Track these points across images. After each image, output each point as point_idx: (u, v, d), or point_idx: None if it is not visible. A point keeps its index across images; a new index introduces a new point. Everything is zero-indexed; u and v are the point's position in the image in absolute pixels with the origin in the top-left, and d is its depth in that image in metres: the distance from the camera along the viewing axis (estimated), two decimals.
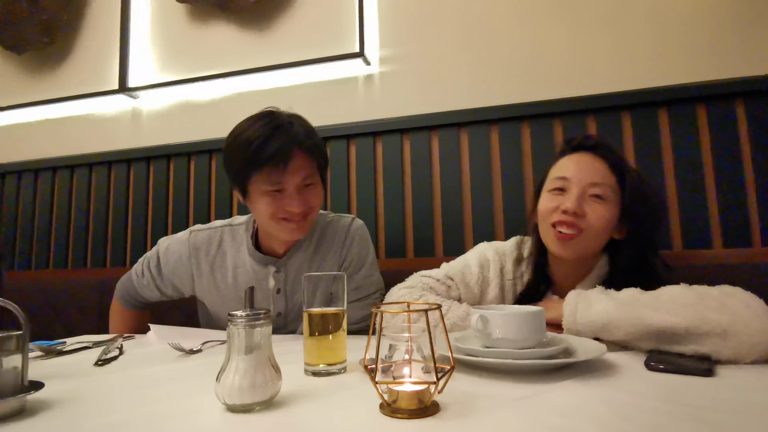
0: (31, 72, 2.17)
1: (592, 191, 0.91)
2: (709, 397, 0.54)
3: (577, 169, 0.93)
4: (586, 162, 0.94)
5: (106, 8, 2.07)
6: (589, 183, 0.91)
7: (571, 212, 0.89)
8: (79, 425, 0.49)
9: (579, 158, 0.95)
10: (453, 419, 0.47)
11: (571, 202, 0.89)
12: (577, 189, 0.91)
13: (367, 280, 1.17)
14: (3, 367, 0.52)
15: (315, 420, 0.49)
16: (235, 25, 1.89)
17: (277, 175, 1.00)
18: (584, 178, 0.91)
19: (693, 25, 1.43)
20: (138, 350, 0.93)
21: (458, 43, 1.64)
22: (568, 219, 0.90)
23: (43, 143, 2.11)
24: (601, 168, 0.92)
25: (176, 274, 1.20)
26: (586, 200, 0.91)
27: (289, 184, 1.02)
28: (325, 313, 0.71)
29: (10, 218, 2.08)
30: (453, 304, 0.92)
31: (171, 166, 1.92)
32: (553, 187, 0.95)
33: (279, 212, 1.03)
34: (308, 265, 1.15)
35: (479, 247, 1.07)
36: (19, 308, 0.56)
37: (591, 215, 0.90)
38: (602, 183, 0.91)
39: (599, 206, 0.90)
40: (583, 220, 0.90)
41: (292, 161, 1.00)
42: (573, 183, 0.92)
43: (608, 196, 0.91)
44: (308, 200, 1.04)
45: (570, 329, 0.79)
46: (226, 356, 0.53)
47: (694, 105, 1.39)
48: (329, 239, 1.18)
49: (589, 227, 0.90)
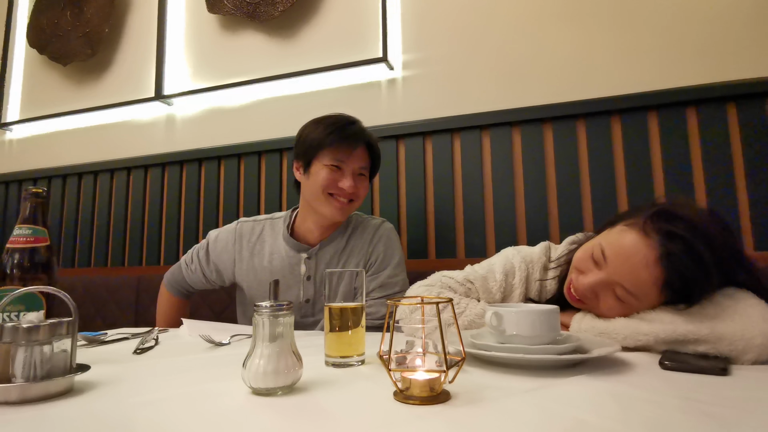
0: (74, 81, 2.31)
1: (620, 293, 0.80)
2: (721, 394, 0.55)
3: (622, 264, 0.79)
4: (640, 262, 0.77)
5: (144, 21, 2.19)
6: (620, 285, 0.79)
7: (581, 293, 0.85)
8: (123, 402, 0.54)
9: (637, 250, 0.78)
10: (462, 406, 0.50)
11: (585, 287, 0.83)
12: (604, 283, 0.81)
13: (391, 279, 1.24)
14: (54, 350, 0.58)
15: (333, 404, 0.53)
16: (263, 33, 1.96)
17: (344, 155, 1.18)
18: (621, 278, 0.79)
19: (714, 22, 1.40)
20: (172, 341, 0.99)
21: (479, 47, 1.65)
22: (578, 295, 0.86)
23: (85, 149, 2.24)
24: (650, 279, 0.77)
25: (221, 259, 1.33)
26: (607, 291, 0.81)
27: (348, 166, 1.19)
28: (345, 307, 0.74)
29: (55, 219, 2.22)
30: (471, 302, 0.94)
31: (202, 170, 2.00)
32: (594, 253, 0.84)
33: (331, 186, 1.18)
34: (338, 258, 1.26)
35: (506, 252, 1.04)
36: (70, 297, 0.62)
37: (603, 305, 0.83)
38: (636, 294, 0.79)
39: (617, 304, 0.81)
40: (593, 302, 0.84)
41: (359, 149, 1.21)
42: (607, 273, 0.81)
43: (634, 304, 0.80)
44: (358, 186, 1.21)
45: (574, 331, 0.82)
46: (252, 343, 0.57)
47: (724, 105, 1.37)
48: (358, 237, 1.29)
49: (597, 309, 0.84)
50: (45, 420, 0.48)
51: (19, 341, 0.55)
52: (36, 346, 0.56)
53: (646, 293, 0.78)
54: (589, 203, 1.46)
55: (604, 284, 0.81)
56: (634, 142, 1.44)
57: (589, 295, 0.84)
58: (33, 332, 0.56)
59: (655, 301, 0.79)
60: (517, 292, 0.97)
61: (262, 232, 1.33)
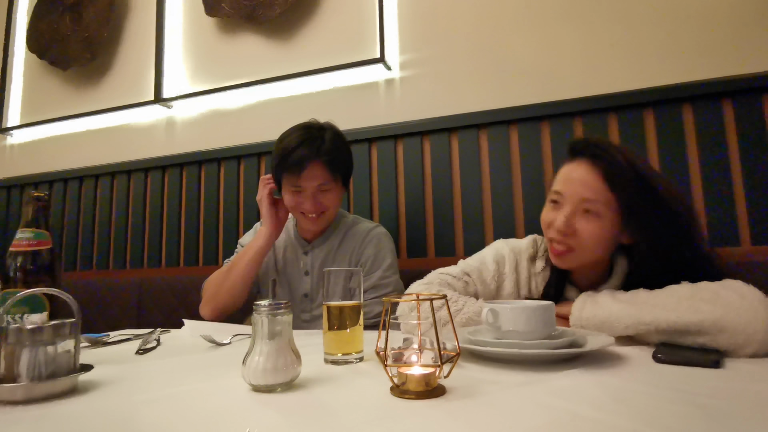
0: (74, 86, 2.33)
1: (584, 206, 0.88)
2: (712, 386, 0.56)
3: (570, 184, 0.91)
4: (580, 174, 0.90)
5: (143, 25, 2.20)
6: (580, 199, 0.89)
7: (562, 232, 0.89)
8: (126, 400, 0.55)
9: (574, 169, 0.92)
10: (456, 400, 0.51)
11: (561, 222, 0.89)
12: (569, 206, 0.89)
13: (383, 281, 1.28)
14: (58, 351, 0.59)
15: (331, 399, 0.54)
16: (261, 36, 1.97)
17: (296, 180, 1.23)
18: (576, 194, 0.89)
19: (714, 21, 1.41)
20: (173, 342, 1.00)
21: (476, 46, 1.66)
22: (558, 237, 0.90)
23: (86, 152, 2.25)
24: (595, 182, 0.88)
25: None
26: (578, 216, 0.89)
27: (306, 188, 1.24)
28: (344, 306, 0.75)
29: (57, 223, 2.23)
30: (469, 299, 0.95)
31: (202, 172, 2.02)
32: (551, 199, 0.95)
33: (298, 207, 1.27)
34: (332, 257, 1.33)
35: (495, 244, 1.09)
36: (73, 298, 0.63)
37: (582, 232, 0.88)
38: (594, 199, 0.87)
39: (590, 223, 0.88)
40: (574, 238, 0.89)
41: (309, 170, 1.21)
42: (566, 199, 0.91)
43: (601, 212, 0.87)
44: (321, 202, 1.26)
45: (575, 323, 0.83)
46: (251, 342, 0.58)
47: (719, 100, 1.38)
48: (350, 239, 1.34)
49: (580, 245, 0.89)
50: (50, 418, 0.50)
51: (23, 342, 0.57)
52: (40, 347, 0.57)
53: (602, 194, 0.87)
54: None
55: (572, 211, 0.89)
56: (630, 139, 1.45)
57: (568, 231, 0.89)
58: (37, 333, 0.57)
59: (614, 201, 0.86)
60: (508, 280, 1.01)
61: (287, 228, 1.41)
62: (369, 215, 1.71)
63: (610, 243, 0.91)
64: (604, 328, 0.79)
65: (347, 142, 1.33)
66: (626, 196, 0.86)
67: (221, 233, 1.94)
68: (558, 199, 0.92)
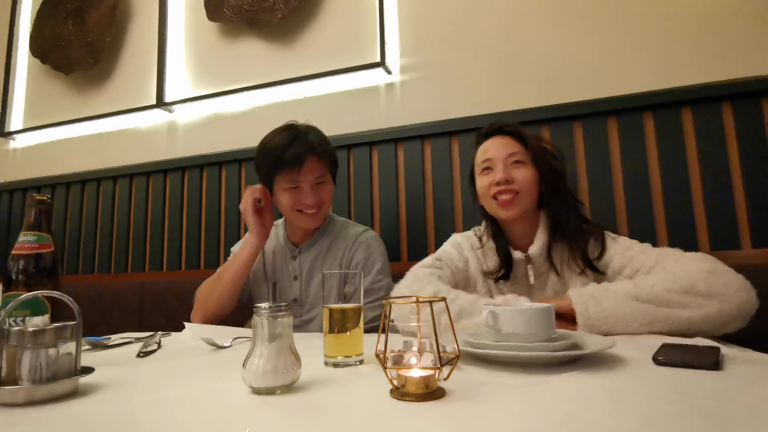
0: (77, 90, 2.34)
1: (512, 159, 1.10)
2: (713, 388, 0.55)
3: (495, 149, 1.12)
4: (499, 141, 1.13)
5: (145, 29, 2.22)
6: (507, 155, 1.10)
7: (504, 181, 1.07)
8: (126, 402, 0.55)
9: (493, 141, 1.14)
10: (456, 402, 0.51)
11: (501, 173, 1.08)
12: (501, 163, 1.10)
13: (375, 285, 1.28)
14: (59, 353, 0.60)
15: (331, 401, 0.54)
16: (262, 40, 1.98)
17: (295, 175, 1.24)
18: (503, 152, 1.11)
19: (719, 23, 1.42)
20: (174, 345, 1.00)
21: (476, 50, 1.67)
22: (503, 187, 1.08)
23: (88, 156, 2.27)
24: (511, 142, 1.12)
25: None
26: (510, 168, 1.09)
27: (304, 182, 1.26)
28: (344, 308, 0.75)
29: (59, 226, 2.24)
30: (461, 293, 0.99)
31: (204, 175, 2.03)
32: (482, 169, 1.13)
33: (297, 205, 1.27)
34: (321, 260, 1.34)
35: (450, 238, 1.24)
36: (74, 301, 0.63)
37: (519, 177, 1.08)
38: (517, 151, 1.10)
39: (521, 170, 1.09)
40: (515, 184, 1.07)
41: (307, 164, 1.24)
42: (496, 160, 1.11)
43: (525, 160, 1.09)
44: (320, 195, 1.29)
45: (585, 325, 0.85)
46: (252, 344, 0.58)
47: (719, 104, 1.38)
48: (339, 242, 1.35)
49: (521, 187, 1.07)
50: (51, 420, 0.50)
51: (25, 344, 0.57)
52: (42, 349, 0.57)
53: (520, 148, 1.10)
54: (587, 203, 1.47)
55: (504, 165, 1.09)
56: (630, 143, 1.45)
57: (509, 179, 1.07)
58: (38, 336, 0.58)
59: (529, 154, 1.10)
60: (471, 258, 1.16)
61: (276, 233, 1.44)
62: (370, 219, 1.71)
63: (537, 188, 1.10)
64: (617, 328, 0.83)
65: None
66: (534, 148, 1.10)
67: (223, 237, 1.95)
68: (489, 165, 1.12)
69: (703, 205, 1.36)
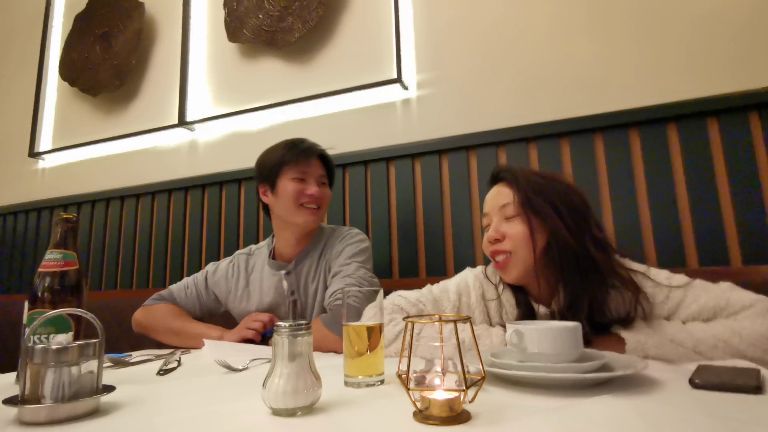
0: (104, 111, 2.42)
1: (504, 214, 0.98)
2: (754, 413, 0.52)
3: (489, 202, 1.02)
4: (495, 191, 1.02)
5: (168, 52, 2.29)
6: (498, 208, 0.99)
7: (493, 240, 0.97)
8: (146, 422, 0.55)
9: (492, 191, 1.04)
10: (482, 426, 0.49)
11: (491, 232, 0.98)
12: (494, 218, 0.99)
13: (348, 267, 1.28)
14: (82, 371, 0.60)
15: (353, 424, 0.52)
16: (281, 59, 2.02)
17: (304, 166, 1.33)
18: (495, 206, 1.00)
19: (734, 31, 1.39)
20: (194, 362, 1.00)
21: (493, 63, 1.67)
22: (494, 248, 0.97)
23: (113, 175, 2.32)
24: (504, 190, 1.00)
25: (219, 287, 1.46)
26: (502, 224, 0.98)
27: (311, 175, 1.34)
28: (363, 327, 0.74)
29: (84, 243, 2.29)
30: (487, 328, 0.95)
31: (223, 192, 2.05)
32: (484, 226, 1.03)
33: (301, 197, 1.31)
34: (315, 269, 1.35)
35: (464, 272, 1.09)
36: (97, 318, 0.64)
37: (509, 233, 0.96)
38: (508, 202, 0.97)
39: (513, 225, 0.96)
40: (506, 242, 0.96)
41: (315, 160, 1.36)
42: (491, 214, 1.01)
43: (518, 212, 0.96)
44: (323, 192, 1.35)
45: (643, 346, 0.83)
46: (272, 363, 0.57)
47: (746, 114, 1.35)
48: (331, 244, 1.38)
49: (514, 245, 0.95)
50: None
51: (48, 362, 0.57)
52: (64, 368, 0.58)
53: (512, 197, 0.96)
54: (610, 218, 1.44)
55: (497, 221, 0.98)
56: (653, 155, 1.42)
57: (498, 237, 0.96)
58: (62, 353, 0.58)
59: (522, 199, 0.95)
60: (477, 311, 1.01)
61: (255, 261, 1.45)
62: (387, 234, 1.70)
63: (534, 240, 0.94)
64: (667, 351, 0.81)
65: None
66: (525, 190, 0.95)
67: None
68: (487, 221, 1.02)
69: (690, 219, 1.36)
